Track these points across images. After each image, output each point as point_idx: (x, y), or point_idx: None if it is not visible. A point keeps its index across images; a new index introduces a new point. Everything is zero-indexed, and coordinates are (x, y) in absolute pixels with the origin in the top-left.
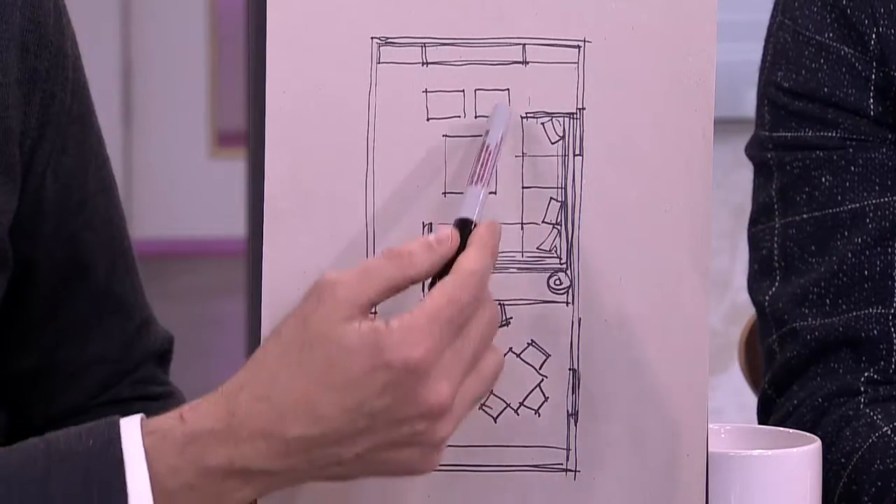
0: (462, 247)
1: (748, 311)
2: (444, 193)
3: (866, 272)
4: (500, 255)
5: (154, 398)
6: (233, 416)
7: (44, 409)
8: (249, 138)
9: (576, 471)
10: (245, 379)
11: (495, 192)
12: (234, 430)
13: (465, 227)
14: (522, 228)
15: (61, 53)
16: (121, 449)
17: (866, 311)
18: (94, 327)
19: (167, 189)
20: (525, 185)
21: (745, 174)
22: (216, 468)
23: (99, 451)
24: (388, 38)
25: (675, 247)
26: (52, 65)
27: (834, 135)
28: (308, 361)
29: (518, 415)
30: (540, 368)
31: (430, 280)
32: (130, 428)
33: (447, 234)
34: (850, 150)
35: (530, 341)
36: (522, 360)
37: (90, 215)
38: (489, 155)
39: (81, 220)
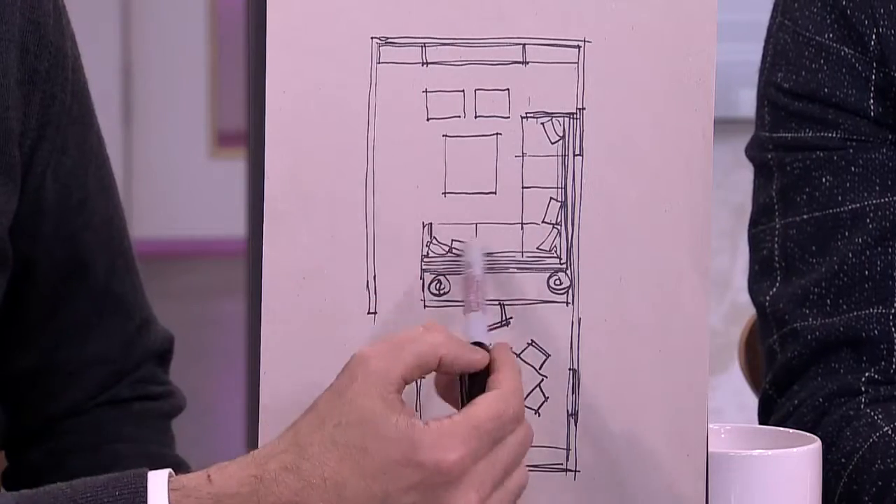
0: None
1: (748, 311)
2: (444, 193)
3: (867, 272)
4: (500, 255)
5: (154, 398)
6: (259, 482)
7: (43, 408)
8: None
9: (576, 471)
10: (278, 447)
11: (495, 193)
12: (259, 496)
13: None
14: (522, 228)
15: (61, 54)
16: (146, 501)
17: (867, 311)
18: (93, 327)
19: (167, 189)
20: (525, 185)
21: (745, 174)
22: None
23: (124, 501)
24: (388, 38)
25: (675, 247)
26: (52, 65)
27: (834, 135)
28: (342, 440)
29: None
30: (540, 368)
31: (460, 385)
32: (157, 483)
33: (477, 347)
34: (851, 150)
35: (530, 341)
36: (522, 360)
37: (90, 215)
38: (477, 285)
39: (81, 220)
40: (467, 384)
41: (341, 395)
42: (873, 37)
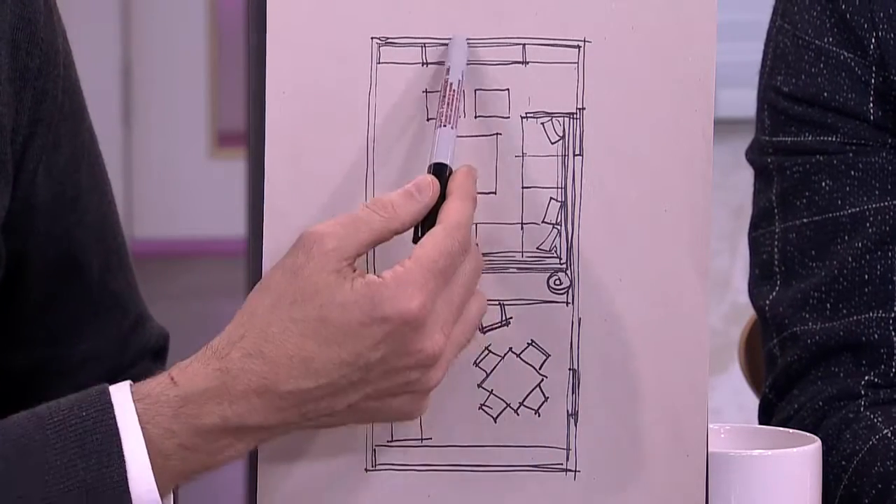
0: (441, 192)
1: (748, 312)
2: None
3: (867, 276)
4: (499, 255)
5: None
6: (226, 374)
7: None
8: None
9: (576, 471)
10: (235, 335)
11: (495, 193)
12: (227, 388)
13: (441, 173)
14: (522, 228)
15: (53, 50)
16: (114, 417)
17: (867, 315)
18: (88, 324)
19: (167, 189)
20: (525, 185)
21: (744, 175)
22: (211, 427)
23: (93, 421)
24: (388, 38)
25: (675, 247)
26: (44, 62)
27: (834, 139)
28: (300, 316)
29: (518, 415)
30: (540, 368)
31: (414, 229)
32: (121, 395)
33: (427, 183)
34: (850, 154)
35: (530, 341)
36: (522, 360)
37: (83, 212)
38: (453, 94)
39: (74, 216)
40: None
41: (296, 273)
42: (873, 41)
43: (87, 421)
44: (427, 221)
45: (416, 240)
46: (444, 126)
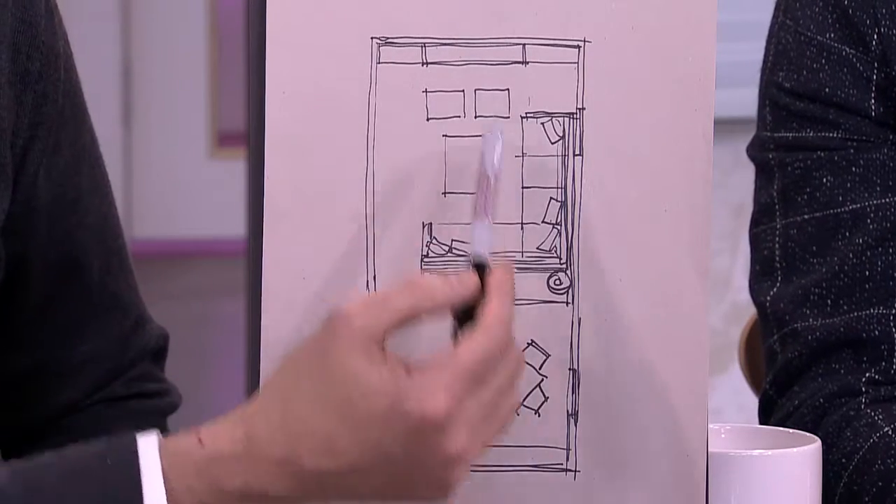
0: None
1: (748, 311)
2: (444, 193)
3: (867, 273)
4: (499, 255)
5: (149, 395)
6: (250, 441)
7: (39, 408)
8: (249, 138)
9: (576, 471)
10: (264, 404)
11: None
12: (251, 455)
13: (480, 268)
14: (522, 228)
15: (53, 53)
16: (139, 469)
17: (867, 312)
18: (89, 326)
19: (167, 189)
20: (525, 185)
21: (745, 174)
22: (233, 491)
23: (117, 470)
24: (388, 38)
25: (675, 247)
26: (45, 65)
27: (835, 135)
28: (325, 396)
29: (518, 415)
30: (540, 368)
31: (452, 322)
32: (148, 448)
33: (469, 278)
34: (852, 150)
35: (530, 341)
36: None
37: (84, 214)
38: (489, 186)
39: (75, 218)
40: (459, 313)
41: (324, 353)
42: (875, 37)
43: (111, 470)
44: (465, 315)
45: (454, 335)
46: (482, 218)
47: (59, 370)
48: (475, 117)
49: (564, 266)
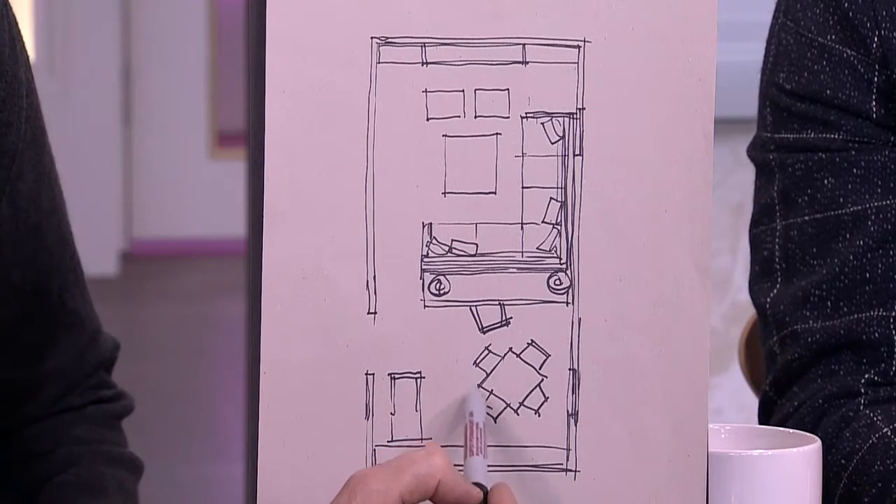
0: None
1: (748, 311)
2: (444, 193)
3: (868, 275)
4: (499, 254)
5: (106, 401)
6: None
7: None
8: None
9: (576, 471)
10: None
11: (495, 193)
12: None
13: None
14: (522, 228)
15: (16, 81)
16: None
17: (867, 314)
18: (50, 345)
19: (167, 189)
20: (525, 185)
21: (745, 174)
22: None
23: None
24: (388, 38)
25: (675, 247)
26: (8, 94)
27: (836, 137)
28: None
29: (518, 415)
30: (540, 368)
31: None
32: None
33: (479, 493)
34: (853, 152)
35: (530, 341)
36: (522, 360)
37: (44, 236)
38: (480, 431)
39: (36, 242)
40: None
41: None
42: (875, 39)
43: None
44: None
45: None
46: (475, 456)
47: (21, 388)
48: (475, 117)
49: (564, 266)
